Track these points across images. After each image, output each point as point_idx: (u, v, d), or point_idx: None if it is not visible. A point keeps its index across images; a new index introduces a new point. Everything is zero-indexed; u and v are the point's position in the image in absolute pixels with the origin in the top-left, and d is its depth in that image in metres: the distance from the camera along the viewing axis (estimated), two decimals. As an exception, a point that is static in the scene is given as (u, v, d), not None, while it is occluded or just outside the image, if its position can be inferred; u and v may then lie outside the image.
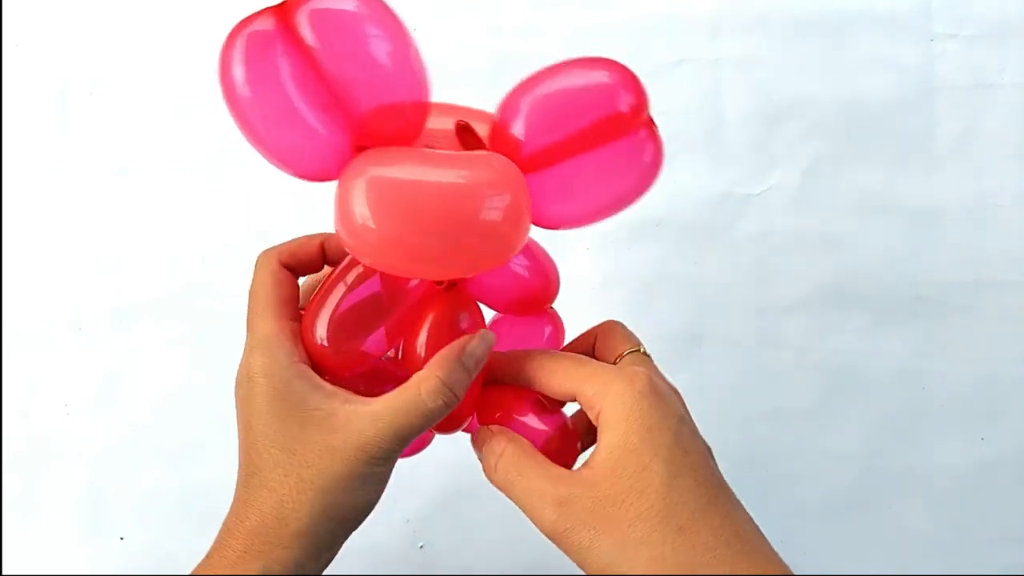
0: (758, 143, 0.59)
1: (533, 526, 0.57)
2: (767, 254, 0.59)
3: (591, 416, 0.34)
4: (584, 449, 0.39)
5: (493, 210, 0.32)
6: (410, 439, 0.34)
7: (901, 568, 0.58)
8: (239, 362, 0.38)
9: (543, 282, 0.41)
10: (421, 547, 0.58)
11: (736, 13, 0.59)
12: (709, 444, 0.35)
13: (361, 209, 0.31)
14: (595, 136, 0.34)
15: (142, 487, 0.58)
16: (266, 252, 0.39)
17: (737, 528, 0.31)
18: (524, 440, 0.35)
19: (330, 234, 0.39)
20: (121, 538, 0.58)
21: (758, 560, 0.31)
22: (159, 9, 0.60)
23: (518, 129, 0.35)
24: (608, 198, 0.36)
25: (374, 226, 0.31)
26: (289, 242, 0.39)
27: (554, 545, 0.33)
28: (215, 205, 0.59)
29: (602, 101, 0.34)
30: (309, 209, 0.59)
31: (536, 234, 0.44)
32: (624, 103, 0.35)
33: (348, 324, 0.36)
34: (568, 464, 0.36)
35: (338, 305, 0.36)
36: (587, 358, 0.36)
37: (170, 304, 0.59)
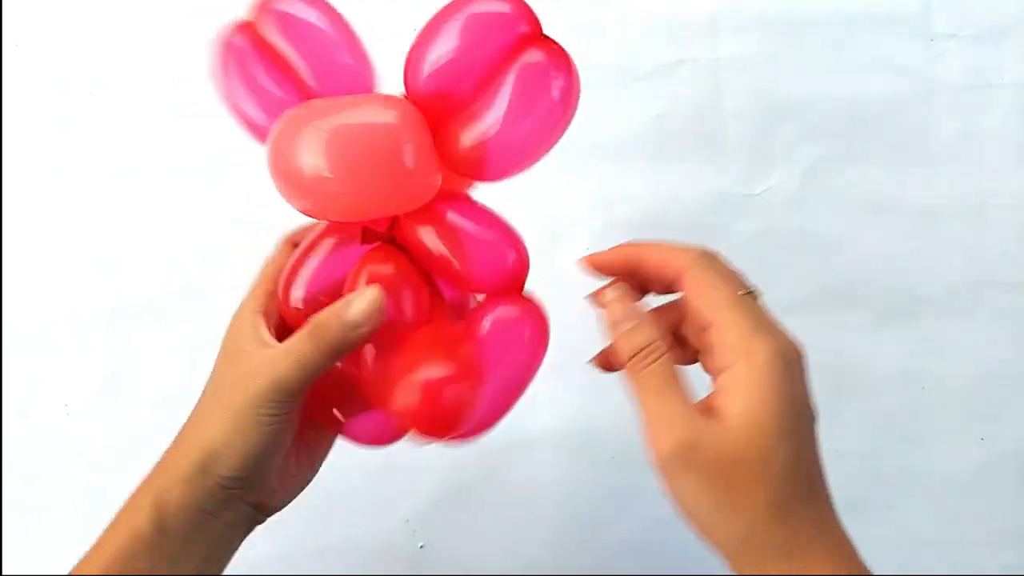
0: (758, 143, 0.59)
1: (532, 526, 0.57)
2: (767, 254, 0.59)
3: (716, 355, 0.34)
4: None
5: (406, 152, 0.35)
6: (285, 389, 0.36)
7: (901, 568, 0.58)
8: None
9: (511, 252, 0.40)
10: (421, 547, 0.58)
11: (736, 13, 0.59)
12: None
13: (276, 153, 0.37)
14: (496, 68, 0.36)
15: (142, 487, 0.58)
16: (284, 235, 0.43)
17: (829, 518, 0.34)
18: (671, 360, 0.35)
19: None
20: (121, 538, 0.58)
21: (844, 553, 0.33)
22: (159, 9, 0.60)
23: (422, 87, 0.37)
24: (535, 123, 0.36)
25: (293, 166, 0.36)
26: (302, 227, 0.43)
27: (658, 477, 0.33)
28: (215, 205, 0.59)
29: (489, 36, 0.36)
30: (309, 209, 0.60)
31: (536, 229, 0.44)
32: (512, 29, 0.36)
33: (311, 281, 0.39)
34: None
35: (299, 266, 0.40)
36: (743, 301, 0.35)
37: (170, 304, 0.59)
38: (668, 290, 0.38)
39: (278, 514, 0.42)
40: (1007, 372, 0.58)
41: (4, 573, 0.58)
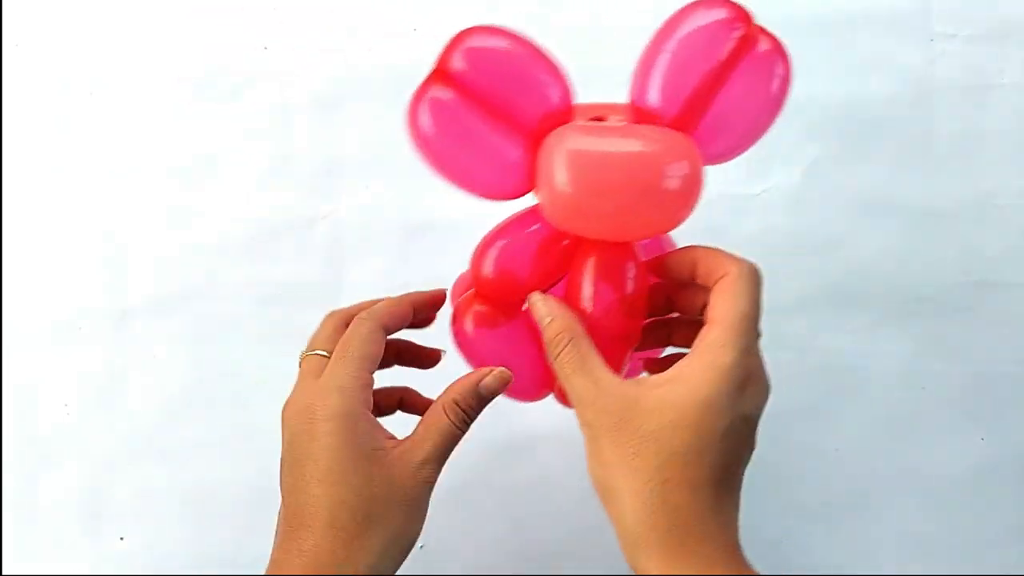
0: (758, 143, 0.59)
1: (533, 526, 0.57)
2: (767, 254, 0.59)
3: (694, 344, 0.37)
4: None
5: (673, 179, 0.37)
6: (444, 457, 0.39)
7: (901, 568, 0.58)
8: (291, 398, 0.40)
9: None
10: (421, 547, 0.58)
11: (736, 13, 0.59)
12: None
13: (561, 177, 0.36)
14: (722, 74, 0.38)
15: (142, 487, 0.58)
16: (368, 313, 0.41)
17: (719, 514, 0.35)
18: (587, 341, 0.38)
19: (416, 293, 0.44)
20: (121, 538, 0.58)
21: (718, 543, 0.35)
22: (159, 9, 0.60)
23: (656, 105, 0.39)
24: (758, 112, 0.39)
25: (571, 191, 0.36)
26: (384, 305, 0.42)
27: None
28: (215, 205, 0.59)
29: (712, 45, 0.38)
30: (309, 209, 0.59)
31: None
32: (730, 38, 0.38)
33: (509, 257, 0.41)
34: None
35: (504, 238, 0.41)
36: (751, 318, 0.37)
37: (170, 304, 0.59)
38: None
39: (279, 515, 0.42)
40: (1007, 372, 0.58)
41: (4, 573, 0.58)
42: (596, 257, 0.40)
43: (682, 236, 0.59)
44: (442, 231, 0.59)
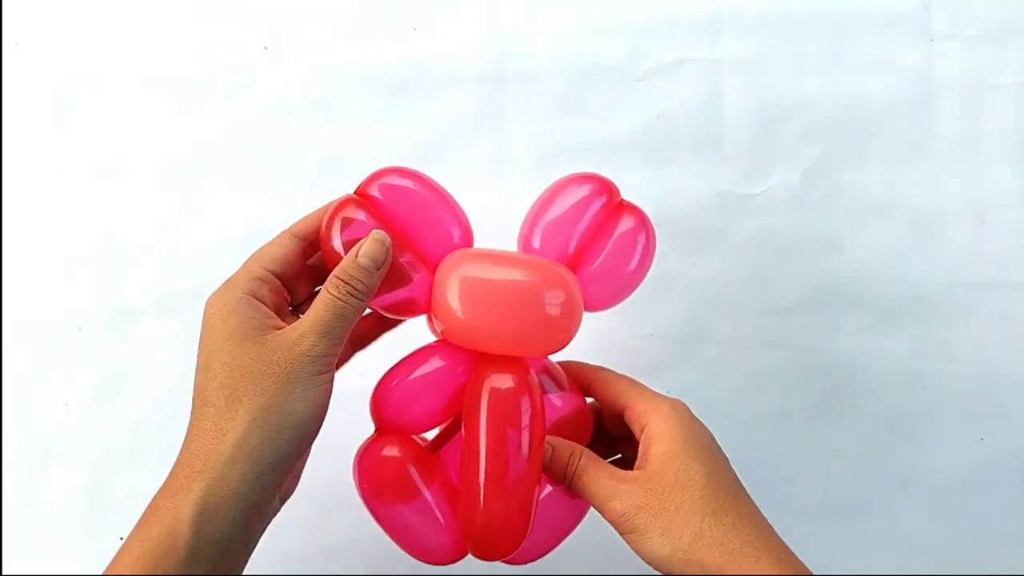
0: (758, 143, 0.59)
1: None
2: (767, 254, 0.59)
3: (635, 427, 0.43)
4: (612, 455, 0.48)
5: (553, 305, 0.42)
6: (327, 332, 0.38)
7: (901, 568, 0.58)
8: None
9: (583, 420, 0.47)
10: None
11: (736, 13, 0.59)
12: None
13: (453, 301, 0.42)
14: (594, 237, 0.44)
15: (142, 487, 0.58)
16: (287, 228, 0.44)
17: (756, 516, 0.40)
18: (589, 452, 0.43)
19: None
20: (121, 538, 0.58)
21: (773, 543, 0.39)
22: (159, 9, 0.60)
23: (533, 249, 0.45)
24: (627, 272, 0.45)
25: (462, 315, 0.41)
26: (305, 216, 0.44)
27: (619, 537, 0.41)
28: (215, 205, 0.59)
29: (581, 211, 0.44)
30: (309, 209, 0.59)
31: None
32: (597, 203, 0.45)
33: (409, 393, 0.44)
34: (584, 439, 0.46)
35: (401, 376, 0.44)
36: (640, 383, 0.44)
37: (170, 304, 0.59)
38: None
39: (279, 515, 0.42)
40: (1007, 372, 0.58)
41: (4, 573, 0.58)
42: (489, 396, 0.42)
43: (681, 235, 0.60)
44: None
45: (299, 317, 0.42)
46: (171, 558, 0.35)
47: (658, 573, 0.39)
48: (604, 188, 0.45)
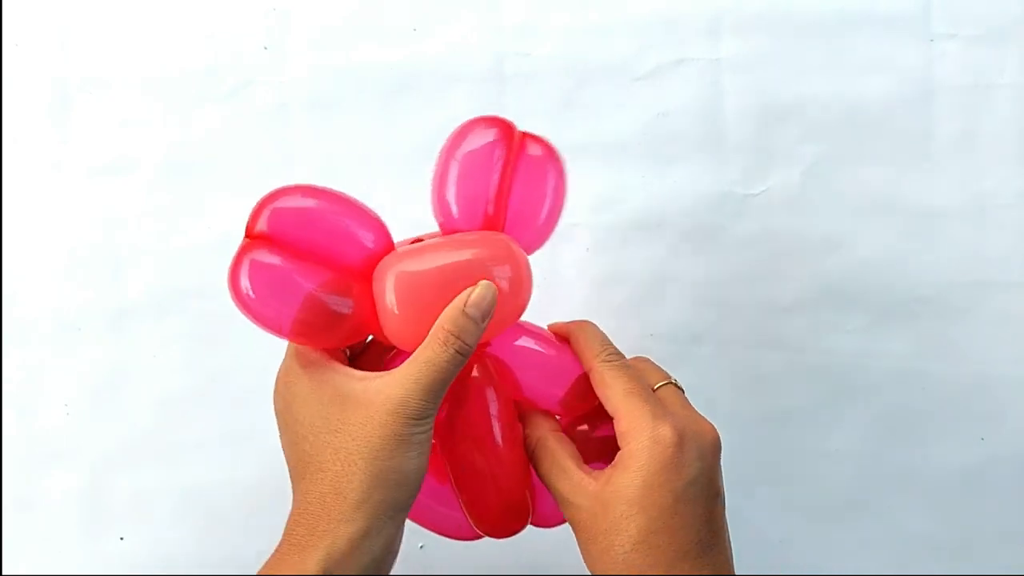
0: (758, 143, 0.59)
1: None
2: (767, 254, 0.59)
3: (619, 441, 0.40)
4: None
5: (503, 280, 0.39)
6: (436, 391, 0.38)
7: (901, 568, 0.58)
8: (277, 373, 0.41)
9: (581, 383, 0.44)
10: (421, 547, 0.58)
11: (736, 13, 0.59)
12: None
13: (391, 301, 0.39)
14: (505, 181, 0.41)
15: (142, 487, 0.58)
16: None
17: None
18: (557, 439, 0.41)
19: None
20: (121, 538, 0.58)
21: None
22: (159, 9, 0.60)
23: (455, 220, 0.42)
24: (547, 207, 0.43)
25: (397, 312, 0.39)
26: None
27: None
28: (215, 205, 0.59)
29: (487, 159, 0.41)
30: (309, 209, 0.59)
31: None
32: (499, 148, 0.41)
33: None
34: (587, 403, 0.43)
35: None
36: (639, 391, 0.40)
37: (170, 304, 0.59)
38: None
39: (279, 515, 0.42)
40: (1007, 372, 0.58)
41: (4, 573, 0.58)
42: (453, 394, 0.40)
43: (681, 235, 0.60)
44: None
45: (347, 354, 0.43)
46: None
47: None
48: (503, 130, 0.42)
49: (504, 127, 0.42)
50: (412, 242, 0.42)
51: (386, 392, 0.38)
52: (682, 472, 0.38)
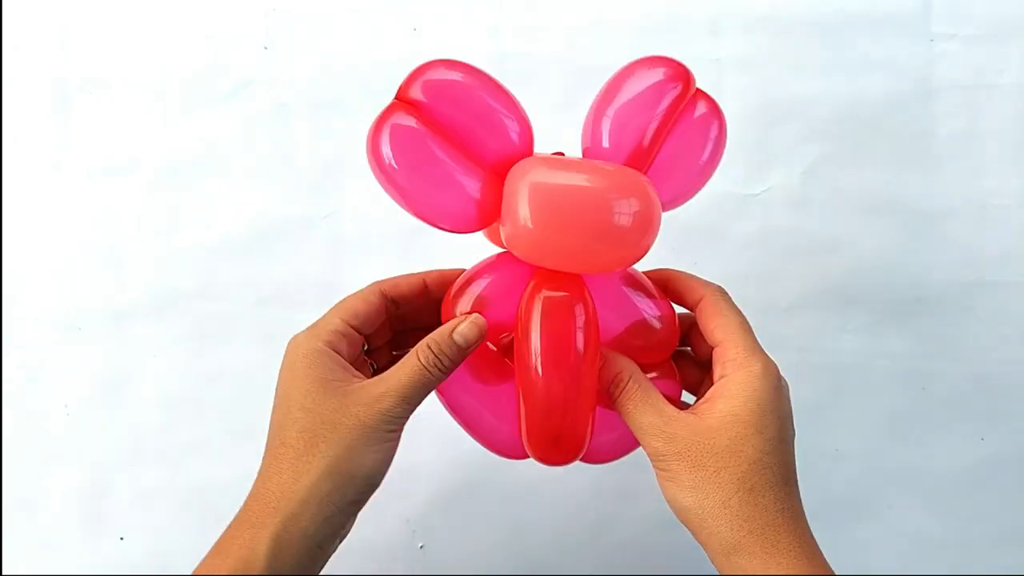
0: (758, 143, 0.59)
1: (532, 526, 0.57)
2: (767, 254, 0.59)
3: (717, 369, 0.41)
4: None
5: (623, 215, 0.38)
6: (410, 399, 0.39)
7: (901, 568, 0.58)
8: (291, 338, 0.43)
9: (668, 333, 0.44)
10: (421, 547, 0.58)
11: (736, 13, 0.59)
12: None
13: (523, 211, 0.38)
14: (662, 128, 0.40)
15: (142, 487, 0.58)
16: (376, 281, 0.45)
17: (793, 505, 0.39)
18: (644, 377, 0.41)
19: (430, 272, 0.45)
20: (121, 538, 0.58)
21: (799, 531, 0.38)
22: (159, 9, 0.60)
23: (602, 148, 0.41)
24: (698, 166, 0.41)
25: (532, 226, 0.38)
26: (396, 276, 0.45)
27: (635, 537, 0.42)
28: (215, 205, 0.59)
29: (655, 99, 0.40)
30: (309, 209, 0.60)
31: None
32: (670, 93, 0.40)
33: (483, 298, 0.42)
34: (664, 352, 0.44)
35: (478, 280, 0.42)
36: (750, 328, 0.42)
37: (170, 304, 0.59)
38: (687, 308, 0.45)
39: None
40: (1007, 372, 0.58)
41: (4, 573, 0.58)
42: (543, 304, 0.40)
43: (681, 235, 0.60)
44: (442, 231, 0.59)
45: (371, 361, 0.45)
46: None
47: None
48: (677, 74, 0.41)
49: (683, 75, 0.41)
50: (553, 154, 0.41)
51: (367, 388, 0.40)
52: (783, 403, 0.40)
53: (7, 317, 0.59)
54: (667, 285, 0.44)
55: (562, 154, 0.41)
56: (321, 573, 0.40)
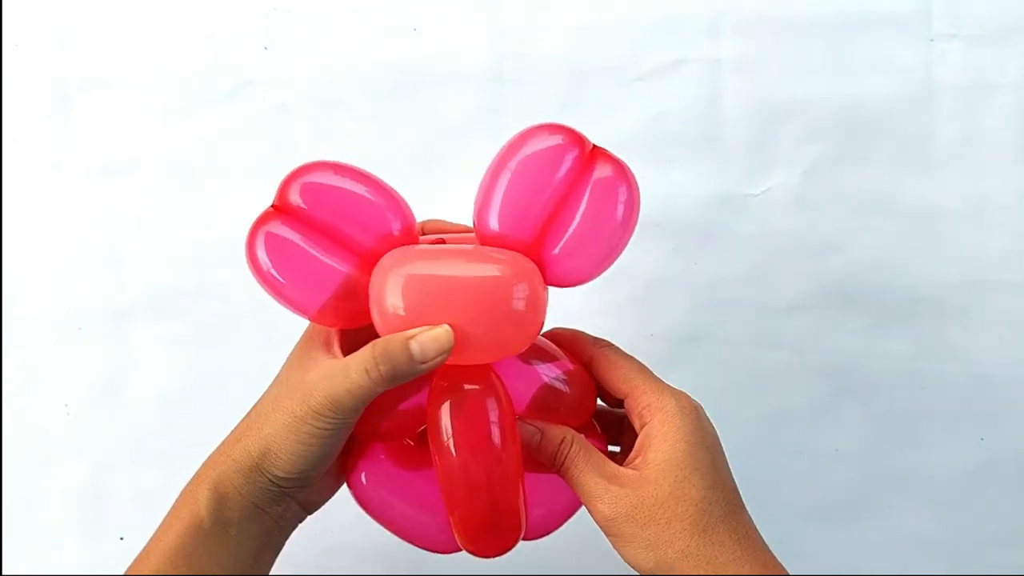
0: (758, 143, 0.59)
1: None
2: (767, 254, 0.59)
3: (635, 420, 0.40)
4: (609, 443, 0.45)
5: (519, 300, 0.37)
6: (340, 403, 0.37)
7: (901, 568, 0.58)
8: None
9: (582, 392, 0.43)
10: (421, 547, 0.58)
11: (736, 13, 0.59)
12: None
13: (394, 300, 0.37)
14: (563, 199, 0.38)
15: (142, 487, 0.58)
16: None
17: (748, 532, 0.38)
18: (584, 440, 0.40)
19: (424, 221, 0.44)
20: (121, 538, 0.58)
21: (760, 558, 0.38)
22: (159, 9, 0.60)
23: (498, 231, 0.39)
24: (608, 235, 0.39)
25: (404, 315, 0.36)
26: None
27: (604, 536, 0.40)
28: (215, 205, 0.59)
29: (549, 170, 0.38)
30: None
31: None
32: (567, 160, 0.38)
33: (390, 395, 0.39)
34: (585, 414, 0.43)
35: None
36: (648, 370, 0.41)
37: (170, 304, 0.59)
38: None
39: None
40: (1007, 373, 0.58)
41: (4, 573, 0.58)
42: (451, 402, 0.39)
43: (681, 235, 0.60)
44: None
45: None
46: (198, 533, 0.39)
47: None
48: (573, 140, 0.38)
49: (574, 138, 0.39)
50: (434, 242, 0.41)
51: (315, 374, 0.38)
52: (708, 433, 0.40)
53: (7, 317, 0.59)
54: (559, 346, 0.43)
55: (443, 241, 0.41)
56: (321, 573, 0.40)
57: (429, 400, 0.40)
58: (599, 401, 0.44)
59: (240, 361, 0.58)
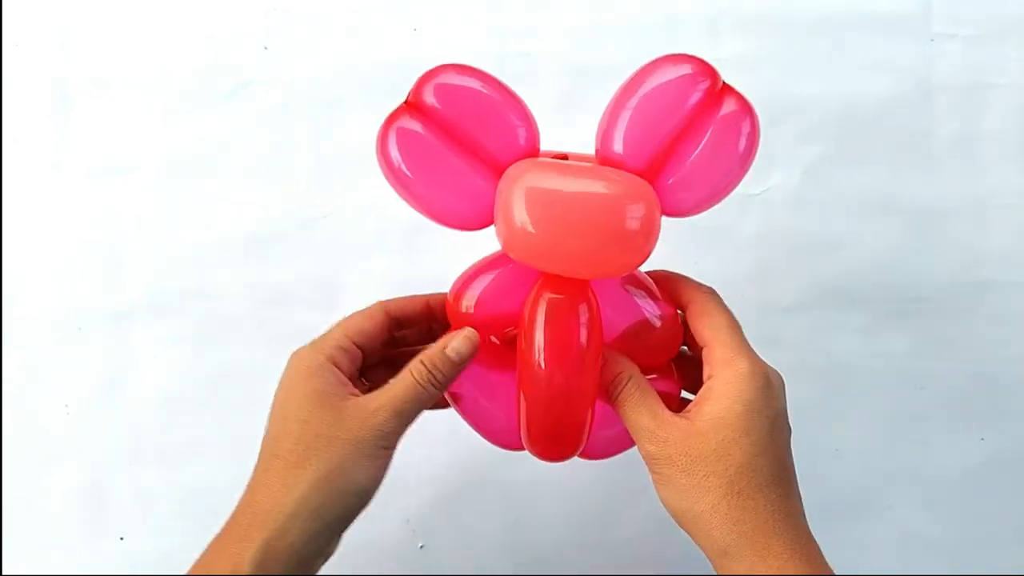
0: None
1: (533, 526, 0.57)
2: (767, 254, 0.59)
3: (704, 370, 0.41)
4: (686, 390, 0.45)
5: (633, 219, 0.37)
6: (406, 415, 0.40)
7: (901, 568, 0.58)
8: (292, 352, 0.43)
9: (670, 334, 0.44)
10: (421, 547, 0.58)
11: (736, 13, 0.59)
12: None
13: (520, 215, 0.37)
14: (686, 129, 0.39)
15: (142, 487, 0.58)
16: (381, 300, 0.45)
17: (789, 508, 0.39)
18: (643, 379, 0.41)
19: (434, 295, 0.45)
20: (121, 538, 0.58)
21: (791, 534, 0.38)
22: (158, 9, 0.60)
23: (620, 156, 0.39)
24: (726, 169, 0.40)
25: (532, 231, 0.37)
26: (400, 297, 0.45)
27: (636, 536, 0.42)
28: (215, 205, 0.59)
29: (679, 99, 0.39)
30: (309, 209, 0.60)
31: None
32: (694, 94, 0.39)
33: (488, 293, 0.42)
34: (667, 353, 0.44)
35: (482, 275, 0.43)
36: (739, 328, 0.42)
37: (170, 304, 0.59)
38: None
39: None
40: (1007, 372, 0.58)
41: (4, 573, 0.58)
42: (547, 304, 0.40)
43: (681, 235, 0.60)
44: (442, 231, 0.59)
45: (364, 380, 0.44)
46: None
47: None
48: (705, 73, 0.39)
49: (706, 71, 0.39)
50: (556, 156, 0.41)
51: (362, 402, 0.40)
52: (772, 402, 0.40)
53: (7, 317, 0.59)
54: (660, 286, 0.44)
55: (566, 156, 0.41)
56: (321, 574, 0.40)
57: (528, 304, 0.41)
58: (686, 349, 0.45)
59: (240, 361, 0.58)
